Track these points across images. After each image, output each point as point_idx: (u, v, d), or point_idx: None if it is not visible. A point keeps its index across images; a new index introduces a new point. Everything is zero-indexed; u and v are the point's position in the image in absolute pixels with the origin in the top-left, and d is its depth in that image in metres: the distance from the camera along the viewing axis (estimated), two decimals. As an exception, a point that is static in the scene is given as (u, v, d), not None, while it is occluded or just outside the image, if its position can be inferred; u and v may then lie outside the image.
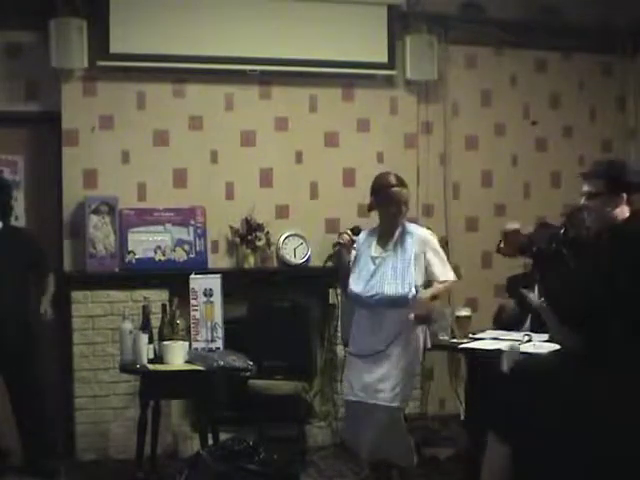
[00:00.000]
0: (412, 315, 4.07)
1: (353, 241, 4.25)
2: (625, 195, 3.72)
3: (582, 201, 3.85)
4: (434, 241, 4.27)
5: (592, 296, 1.64)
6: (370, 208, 4.34)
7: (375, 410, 4.16)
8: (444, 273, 4.20)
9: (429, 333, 4.31)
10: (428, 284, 4.18)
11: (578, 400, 1.63)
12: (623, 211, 3.74)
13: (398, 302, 4.11)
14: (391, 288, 4.13)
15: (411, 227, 4.30)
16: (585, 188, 3.83)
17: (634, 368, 1.62)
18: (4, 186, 5.12)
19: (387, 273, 4.16)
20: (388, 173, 4.33)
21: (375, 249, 4.26)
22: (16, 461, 5.13)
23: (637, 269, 1.65)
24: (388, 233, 4.25)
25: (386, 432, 4.16)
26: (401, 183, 4.23)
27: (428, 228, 4.61)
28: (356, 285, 4.23)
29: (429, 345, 4.35)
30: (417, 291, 4.13)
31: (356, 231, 4.31)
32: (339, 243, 4.23)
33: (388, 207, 4.21)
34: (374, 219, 4.41)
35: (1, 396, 5.07)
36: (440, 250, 4.26)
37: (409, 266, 4.14)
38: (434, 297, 4.20)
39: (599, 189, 3.74)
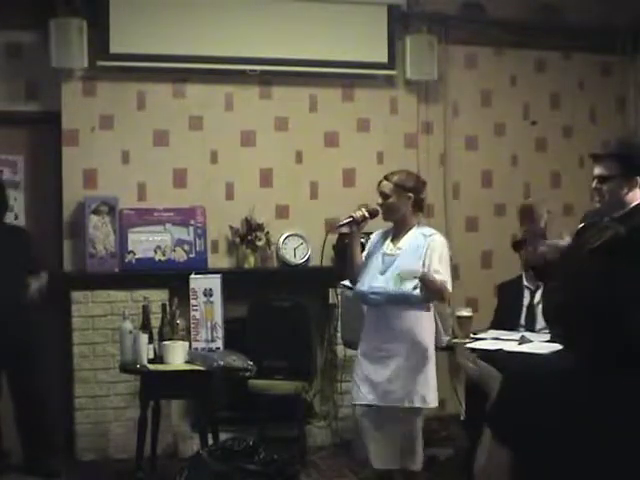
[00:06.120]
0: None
1: (365, 218, 4.14)
2: (639, 178, 3.54)
3: (593, 184, 3.65)
4: (444, 249, 4.13)
5: (595, 300, 1.64)
6: None
7: (386, 413, 4.04)
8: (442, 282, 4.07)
9: (442, 330, 4.24)
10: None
11: (578, 401, 1.63)
12: (636, 195, 3.57)
13: (401, 300, 4.02)
14: (396, 286, 4.03)
15: (426, 229, 4.18)
16: (597, 171, 3.62)
17: (635, 369, 1.62)
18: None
19: (395, 272, 4.06)
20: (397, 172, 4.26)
21: (388, 246, 4.16)
22: (16, 461, 5.13)
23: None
24: (398, 230, 4.16)
25: (398, 436, 4.03)
26: (385, 177, 4.16)
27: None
28: (363, 283, 4.14)
29: (444, 343, 4.27)
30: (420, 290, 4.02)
31: (374, 213, 4.18)
32: (351, 216, 4.12)
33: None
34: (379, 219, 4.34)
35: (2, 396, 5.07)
36: (447, 260, 4.12)
37: (416, 267, 4.03)
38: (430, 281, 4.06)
39: (612, 171, 3.55)
